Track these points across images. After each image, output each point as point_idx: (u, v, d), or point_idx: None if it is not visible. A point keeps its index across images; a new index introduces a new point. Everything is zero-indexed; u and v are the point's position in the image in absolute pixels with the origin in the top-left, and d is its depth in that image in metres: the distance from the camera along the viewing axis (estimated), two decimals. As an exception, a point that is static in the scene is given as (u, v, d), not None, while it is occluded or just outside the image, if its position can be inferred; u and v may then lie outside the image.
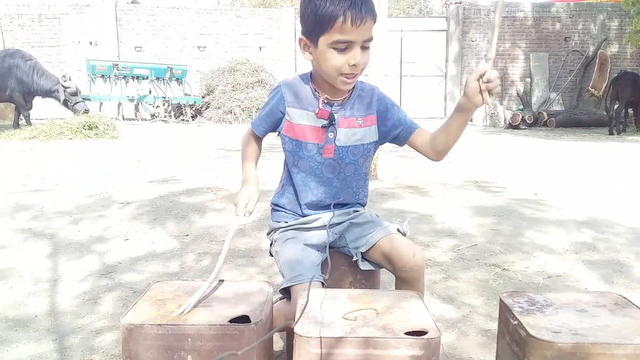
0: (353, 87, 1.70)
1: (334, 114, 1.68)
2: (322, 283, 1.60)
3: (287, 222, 1.80)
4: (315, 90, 1.70)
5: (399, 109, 1.77)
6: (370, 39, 1.57)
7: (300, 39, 1.63)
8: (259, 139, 1.86)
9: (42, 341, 2.07)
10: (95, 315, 2.30)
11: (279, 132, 1.76)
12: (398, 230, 1.72)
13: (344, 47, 1.54)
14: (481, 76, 1.40)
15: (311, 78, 1.73)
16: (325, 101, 1.68)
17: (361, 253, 1.71)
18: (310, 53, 1.62)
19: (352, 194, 1.81)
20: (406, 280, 1.63)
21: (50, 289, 2.61)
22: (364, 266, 1.72)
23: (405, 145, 1.78)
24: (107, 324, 2.22)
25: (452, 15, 15.98)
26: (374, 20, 1.55)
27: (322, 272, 1.67)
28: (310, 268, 1.60)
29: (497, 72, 1.40)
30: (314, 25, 1.54)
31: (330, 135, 1.69)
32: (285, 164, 1.83)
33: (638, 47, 15.31)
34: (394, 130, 1.73)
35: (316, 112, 1.68)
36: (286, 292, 1.61)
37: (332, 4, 1.49)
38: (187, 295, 1.41)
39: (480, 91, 1.41)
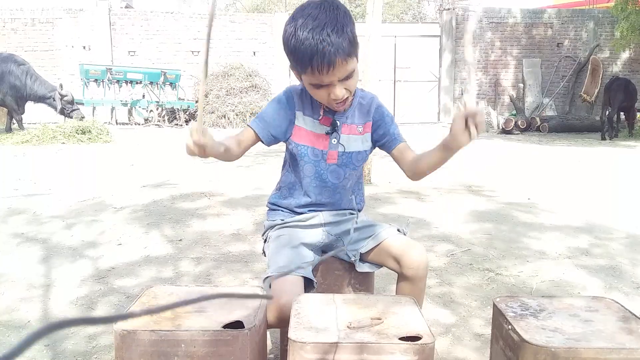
0: (353, 95, 1.71)
1: (337, 121, 1.71)
2: (311, 281, 1.62)
3: (282, 220, 1.81)
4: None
5: (392, 121, 1.79)
6: (350, 73, 1.56)
7: (290, 66, 1.65)
8: (246, 140, 1.69)
9: (35, 347, 2.05)
10: (88, 321, 2.29)
11: (288, 139, 1.75)
12: (398, 230, 1.75)
13: (320, 86, 1.57)
14: (465, 115, 1.40)
15: None
16: (327, 109, 1.71)
17: (361, 254, 1.72)
18: (300, 80, 1.65)
19: (350, 197, 1.84)
20: (411, 279, 1.64)
21: (43, 294, 2.59)
22: (361, 268, 1.73)
23: None
24: (100, 330, 2.20)
25: (445, 27, 16.02)
26: (348, 55, 1.51)
27: (314, 275, 1.67)
28: (299, 264, 1.62)
29: (479, 106, 1.39)
30: (293, 63, 1.58)
31: (334, 141, 1.72)
32: (288, 166, 1.84)
33: (631, 49, 15.44)
34: (381, 139, 1.77)
35: (320, 118, 1.71)
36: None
37: (299, 51, 1.50)
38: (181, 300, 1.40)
39: (467, 127, 1.41)
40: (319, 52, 1.47)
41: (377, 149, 1.85)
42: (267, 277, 1.63)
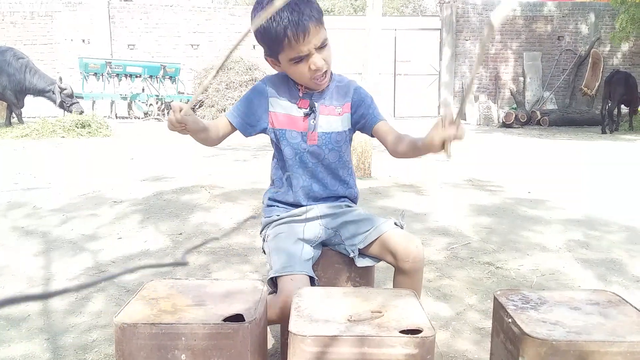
0: (331, 78, 1.78)
1: (315, 103, 1.75)
2: (312, 278, 1.62)
3: (278, 215, 1.82)
4: (296, 84, 1.77)
5: (372, 101, 1.83)
6: (324, 41, 1.64)
7: (265, 58, 1.72)
8: (223, 128, 1.76)
9: (35, 340, 2.06)
10: (88, 315, 2.29)
11: (266, 127, 1.79)
12: (395, 224, 1.74)
13: (300, 59, 1.63)
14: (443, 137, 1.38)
15: None
16: (305, 91, 1.76)
17: (359, 249, 1.71)
18: (278, 67, 1.72)
19: (340, 182, 1.84)
20: (407, 272, 1.64)
21: (43, 287, 2.59)
22: (361, 263, 1.72)
23: None
24: (100, 323, 2.21)
25: (445, 21, 15.97)
26: (319, 22, 1.60)
27: (314, 269, 1.67)
28: (300, 262, 1.62)
29: (463, 133, 1.36)
30: (269, 47, 1.65)
31: (312, 122, 1.75)
32: (276, 159, 1.86)
33: (630, 42, 15.43)
34: (362, 119, 1.80)
35: (297, 102, 1.76)
36: (274, 285, 1.63)
37: (272, 26, 1.56)
38: (181, 294, 1.40)
39: (443, 145, 1.39)
40: (291, 22, 1.55)
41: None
42: (271, 278, 1.63)
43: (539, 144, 9.76)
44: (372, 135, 1.82)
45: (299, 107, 1.75)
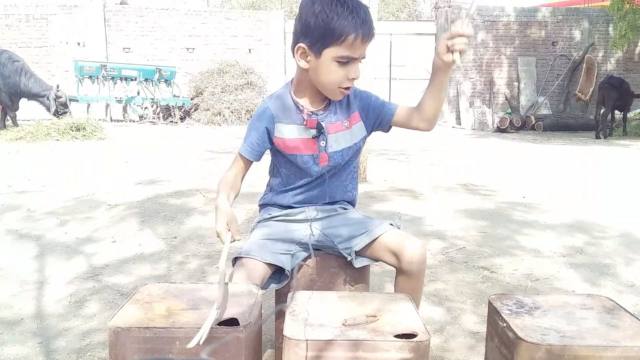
0: None
1: (321, 123, 1.69)
2: (281, 272, 1.65)
3: (270, 214, 1.82)
4: (297, 103, 1.71)
5: (376, 98, 1.80)
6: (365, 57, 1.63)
7: (298, 47, 1.59)
8: (243, 170, 1.78)
9: (28, 344, 2.05)
10: (82, 318, 2.28)
11: (271, 147, 1.77)
12: (391, 224, 1.73)
13: (346, 61, 1.57)
14: (453, 36, 1.45)
15: (291, 90, 1.73)
16: (309, 112, 1.70)
17: (355, 252, 1.71)
18: (308, 62, 1.61)
19: (342, 188, 1.84)
20: (411, 273, 1.63)
21: (37, 291, 2.58)
22: (359, 263, 1.71)
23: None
24: (94, 327, 2.20)
25: (439, 30, 16.01)
26: (374, 38, 1.61)
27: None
28: (267, 251, 1.64)
29: (470, 30, 1.43)
30: (322, 37, 1.54)
31: (322, 143, 1.70)
32: (275, 167, 1.84)
33: (623, 52, 15.51)
34: (377, 119, 1.77)
35: (305, 123, 1.69)
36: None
37: (345, 19, 1.51)
38: (176, 298, 1.40)
39: (449, 50, 1.46)
40: (365, 22, 1.54)
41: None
42: (236, 257, 1.65)
43: (534, 148, 9.79)
44: (390, 127, 1.79)
45: (307, 128, 1.70)
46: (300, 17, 1.58)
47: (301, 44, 1.58)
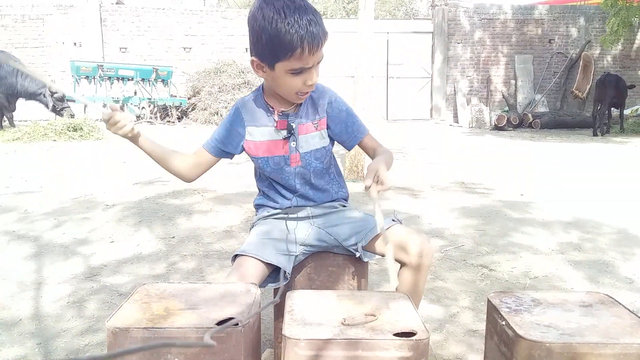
0: None
1: (292, 124, 1.70)
2: (279, 271, 1.64)
3: (269, 212, 1.82)
4: (268, 105, 1.73)
5: (348, 114, 1.80)
6: (322, 56, 1.60)
7: (252, 60, 1.61)
8: (195, 159, 1.83)
9: (26, 344, 2.04)
10: (80, 319, 2.28)
11: (242, 151, 1.78)
12: (393, 220, 1.74)
13: (300, 71, 1.57)
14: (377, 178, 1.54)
15: (263, 91, 1.75)
16: (280, 113, 1.71)
17: (362, 247, 1.70)
18: (265, 72, 1.62)
19: (330, 184, 1.85)
20: (418, 267, 1.62)
21: (35, 291, 2.57)
22: (367, 258, 1.71)
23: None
24: (92, 328, 2.19)
25: (437, 24, 16.02)
26: (325, 37, 1.55)
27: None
28: (265, 250, 1.63)
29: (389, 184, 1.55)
30: (271, 53, 1.54)
31: (293, 144, 1.72)
32: (259, 174, 1.87)
33: (613, 48, 15.54)
34: (339, 136, 1.80)
35: (275, 125, 1.71)
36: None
37: (288, 34, 1.47)
38: (174, 298, 1.39)
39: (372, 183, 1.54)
40: (309, 33, 1.48)
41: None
42: (234, 256, 1.64)
43: (531, 146, 9.80)
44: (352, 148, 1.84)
45: (277, 130, 1.71)
46: (249, 32, 1.58)
47: (254, 58, 1.60)
